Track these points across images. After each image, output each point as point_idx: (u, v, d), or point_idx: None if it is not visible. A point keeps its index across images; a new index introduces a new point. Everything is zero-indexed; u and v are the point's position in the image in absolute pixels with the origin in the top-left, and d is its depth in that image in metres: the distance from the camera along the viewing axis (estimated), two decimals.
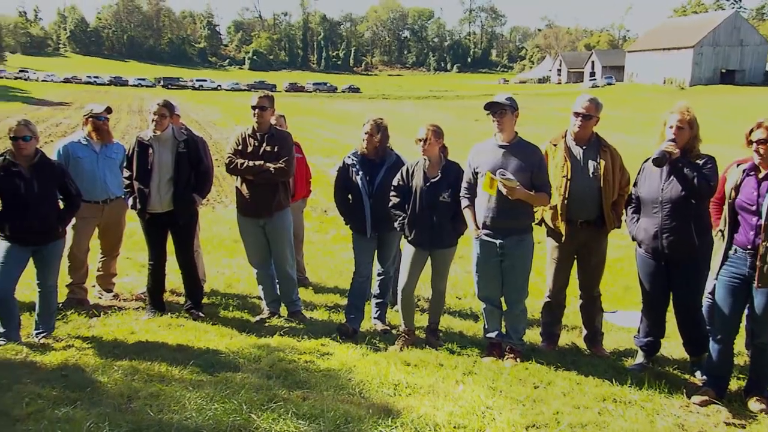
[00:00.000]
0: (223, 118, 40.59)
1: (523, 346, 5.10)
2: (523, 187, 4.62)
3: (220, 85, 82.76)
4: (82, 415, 3.34)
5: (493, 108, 4.76)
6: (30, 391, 3.68)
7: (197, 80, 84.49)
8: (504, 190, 4.60)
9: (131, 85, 78.36)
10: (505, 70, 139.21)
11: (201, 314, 5.84)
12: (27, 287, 5.50)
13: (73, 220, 5.54)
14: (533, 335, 5.60)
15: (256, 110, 5.65)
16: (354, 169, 5.51)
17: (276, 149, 5.68)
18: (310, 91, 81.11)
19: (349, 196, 5.64)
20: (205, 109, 46.49)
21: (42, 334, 5.01)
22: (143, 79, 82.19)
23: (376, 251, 5.70)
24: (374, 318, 5.90)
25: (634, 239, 4.83)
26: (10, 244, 4.79)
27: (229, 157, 5.75)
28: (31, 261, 4.98)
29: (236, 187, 5.89)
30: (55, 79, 79.31)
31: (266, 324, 5.77)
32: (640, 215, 4.76)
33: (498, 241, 4.79)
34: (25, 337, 4.99)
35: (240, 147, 5.73)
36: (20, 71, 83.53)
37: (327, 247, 10.77)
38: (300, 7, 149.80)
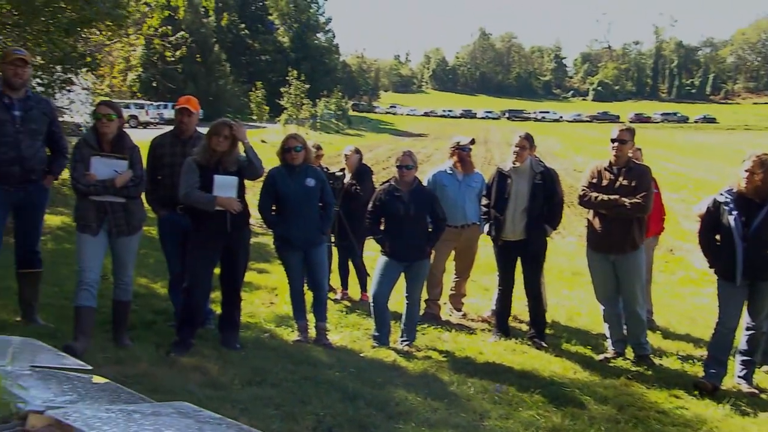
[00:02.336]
0: (563, 149, 40.60)
1: None
2: None
3: (561, 117, 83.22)
4: (443, 425, 3.64)
5: None
6: (399, 393, 4.16)
7: (540, 112, 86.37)
8: None
9: (479, 118, 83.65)
10: None
11: (544, 344, 5.88)
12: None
13: None
14: None
15: (616, 143, 5.53)
16: (727, 208, 4.99)
17: (633, 183, 5.47)
18: (657, 122, 76.26)
19: (717, 237, 5.13)
20: (546, 140, 47.05)
21: (406, 342, 5.63)
22: (490, 112, 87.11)
23: (746, 301, 5.06)
24: (738, 377, 5.22)
25: None
26: (388, 260, 5.52)
27: (583, 189, 5.72)
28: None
29: (587, 221, 5.82)
30: (416, 113, 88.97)
31: (610, 364, 5.55)
32: None
33: None
34: (392, 343, 5.66)
35: (595, 180, 5.66)
36: (390, 107, 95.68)
37: (674, 289, 9.94)
38: (653, 35, 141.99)
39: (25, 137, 4.56)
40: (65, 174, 5.54)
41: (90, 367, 1.78)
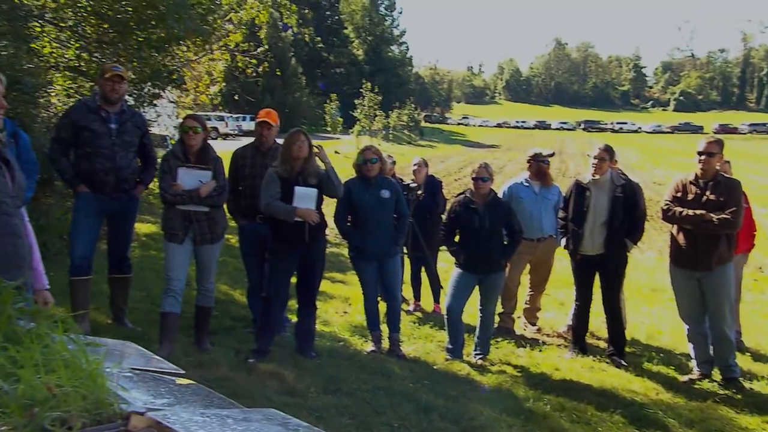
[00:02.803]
0: (641, 160, 39.33)
1: None
2: None
3: (640, 128, 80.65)
4: None
5: None
6: (473, 407, 4.12)
7: (617, 123, 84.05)
8: None
9: (553, 129, 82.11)
10: None
11: (623, 362, 5.69)
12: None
13: None
14: None
15: (703, 156, 5.31)
16: None
17: (722, 198, 5.23)
18: (745, 133, 72.64)
19: None
20: (623, 151, 45.53)
21: (479, 356, 5.57)
22: (565, 123, 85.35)
23: None
24: None
25: None
26: (463, 272, 5.49)
27: (666, 203, 5.52)
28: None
29: (671, 236, 5.61)
30: (488, 124, 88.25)
31: (696, 385, 5.31)
32: None
33: None
34: (465, 356, 5.61)
35: (679, 194, 5.45)
36: (462, 118, 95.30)
37: (764, 309, 9.42)
38: (741, 42, 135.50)
39: (120, 149, 4.82)
40: (151, 184, 5.82)
41: (183, 372, 1.85)
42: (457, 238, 5.63)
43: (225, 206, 5.13)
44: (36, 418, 1.20)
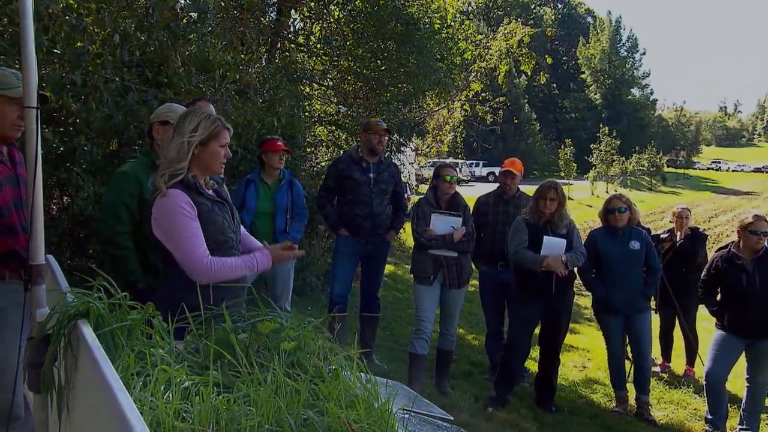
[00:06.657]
0: None
1: None
2: None
3: None
4: None
5: None
6: None
7: None
8: None
9: None
10: None
11: None
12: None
13: None
14: None
15: None
16: None
17: None
18: None
19: None
20: None
21: (747, 431, 4.91)
22: None
23: None
24: None
25: None
26: (726, 335, 4.91)
27: None
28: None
29: None
30: (745, 169, 78.81)
31: None
32: None
33: None
34: (728, 430, 4.99)
35: None
36: (712, 162, 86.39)
37: None
38: None
39: (377, 196, 5.21)
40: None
41: (452, 418, 1.92)
42: (719, 297, 5.08)
43: None
44: None
